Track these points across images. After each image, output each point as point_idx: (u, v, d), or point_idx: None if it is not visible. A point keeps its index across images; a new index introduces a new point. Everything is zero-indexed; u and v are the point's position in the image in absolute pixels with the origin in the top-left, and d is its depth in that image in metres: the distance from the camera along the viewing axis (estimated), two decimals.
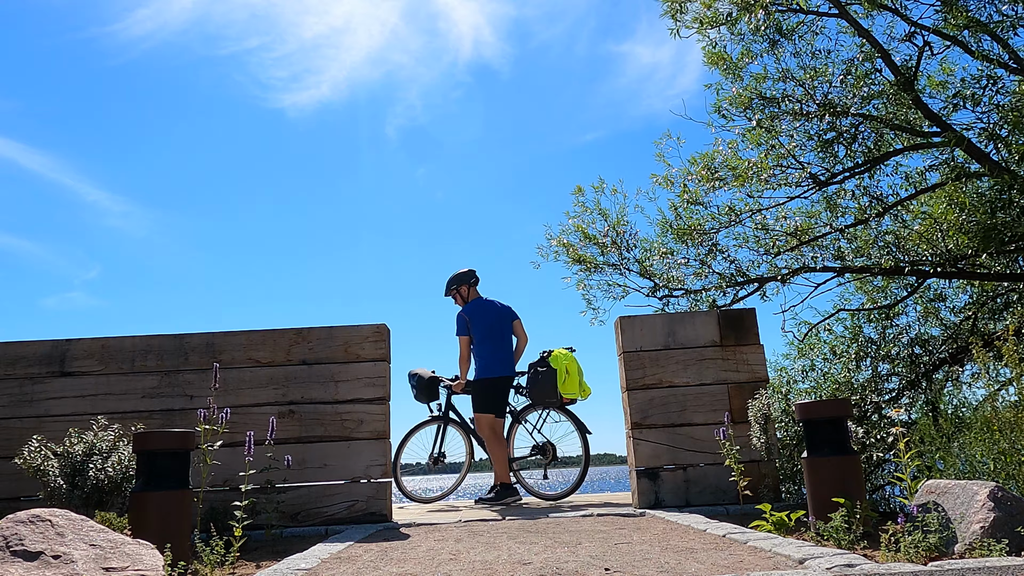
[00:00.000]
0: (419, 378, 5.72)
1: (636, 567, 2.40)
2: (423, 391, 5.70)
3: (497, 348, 5.48)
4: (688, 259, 8.14)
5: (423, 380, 5.69)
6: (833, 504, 2.89)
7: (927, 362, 7.32)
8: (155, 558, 2.38)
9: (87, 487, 3.64)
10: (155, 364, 4.58)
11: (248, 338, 4.64)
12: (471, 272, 5.78)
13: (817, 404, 3.20)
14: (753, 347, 4.78)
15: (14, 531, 2.25)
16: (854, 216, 7.77)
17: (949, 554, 2.45)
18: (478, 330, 5.47)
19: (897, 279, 8.07)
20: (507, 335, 5.61)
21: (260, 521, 3.99)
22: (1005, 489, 2.57)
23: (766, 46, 7.64)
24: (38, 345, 4.62)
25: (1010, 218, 6.53)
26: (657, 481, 4.58)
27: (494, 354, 5.45)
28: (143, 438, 3.01)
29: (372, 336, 4.64)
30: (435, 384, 5.73)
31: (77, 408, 4.49)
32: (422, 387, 5.69)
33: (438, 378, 5.74)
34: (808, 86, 7.42)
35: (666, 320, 4.89)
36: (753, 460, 4.46)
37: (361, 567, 2.63)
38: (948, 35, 6.84)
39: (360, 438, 4.47)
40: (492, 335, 5.50)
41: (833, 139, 7.39)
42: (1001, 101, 6.73)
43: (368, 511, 4.35)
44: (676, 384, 4.72)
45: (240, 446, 3.51)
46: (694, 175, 7.93)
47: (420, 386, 5.70)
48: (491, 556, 2.73)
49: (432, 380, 5.71)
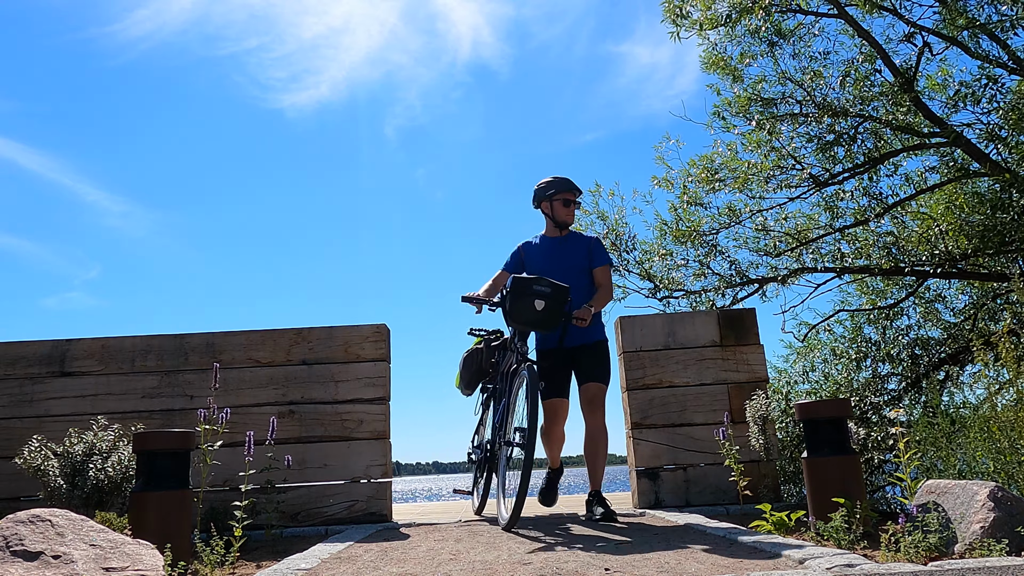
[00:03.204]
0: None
1: (636, 567, 2.40)
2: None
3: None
4: (688, 260, 8.15)
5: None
6: (833, 504, 2.89)
7: (927, 363, 7.32)
8: (155, 558, 2.38)
9: (87, 487, 3.64)
10: (155, 364, 4.58)
11: (248, 338, 4.64)
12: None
13: (817, 404, 3.20)
14: (753, 347, 4.78)
15: (14, 531, 2.25)
16: (854, 217, 7.78)
17: (949, 554, 2.46)
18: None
19: (897, 280, 8.07)
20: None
21: (260, 521, 3.99)
22: (1005, 489, 2.57)
23: (765, 48, 7.65)
24: (38, 345, 4.62)
25: (1010, 218, 6.54)
26: (657, 481, 4.58)
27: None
28: (143, 438, 3.01)
29: (372, 336, 4.64)
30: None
31: (77, 408, 4.49)
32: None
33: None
34: (808, 87, 7.43)
35: (666, 320, 4.89)
36: (753, 460, 4.46)
37: (361, 567, 2.63)
38: (947, 36, 6.84)
39: (360, 438, 4.47)
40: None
41: (833, 141, 7.40)
42: (1001, 101, 6.73)
43: (368, 511, 4.35)
44: (676, 384, 4.72)
45: (240, 446, 3.52)
46: (694, 176, 7.94)
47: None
48: (491, 556, 2.73)
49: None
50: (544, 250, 4.37)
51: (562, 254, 4.32)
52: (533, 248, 4.41)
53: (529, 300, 3.76)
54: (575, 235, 4.42)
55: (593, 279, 4.30)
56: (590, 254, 4.33)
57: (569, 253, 4.33)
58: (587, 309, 3.98)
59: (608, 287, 4.29)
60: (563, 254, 4.32)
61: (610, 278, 4.35)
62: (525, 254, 4.42)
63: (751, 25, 7.35)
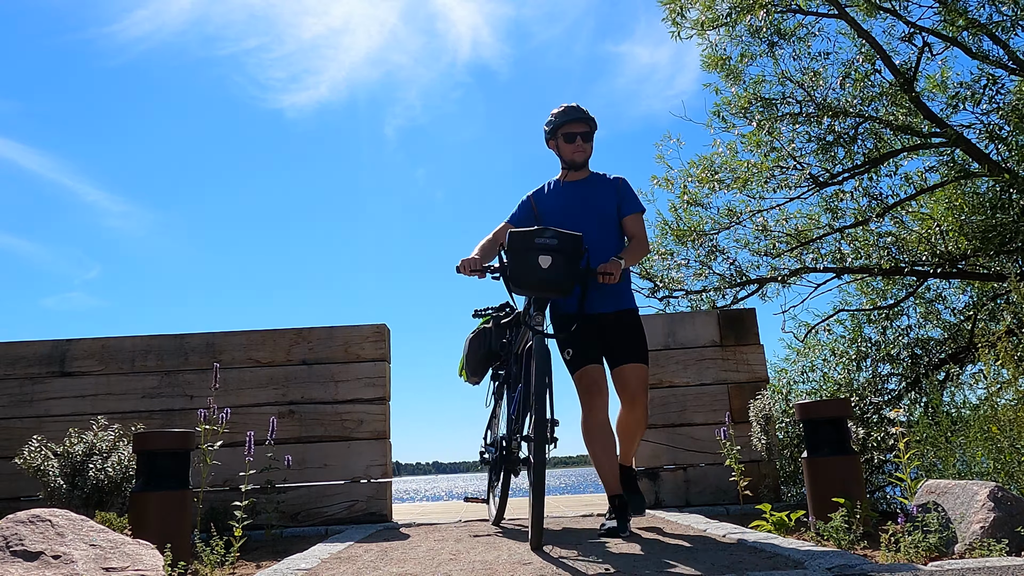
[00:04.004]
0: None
1: (636, 567, 2.39)
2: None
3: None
4: (688, 260, 8.15)
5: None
6: (833, 504, 2.89)
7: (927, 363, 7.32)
8: (155, 558, 2.38)
9: (87, 487, 3.64)
10: (155, 364, 4.58)
11: (248, 338, 4.64)
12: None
13: (817, 404, 3.20)
14: (753, 347, 4.78)
15: (14, 531, 2.25)
16: (854, 217, 7.78)
17: (949, 554, 2.46)
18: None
19: (897, 280, 8.07)
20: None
21: (260, 521, 3.99)
22: (1005, 489, 2.57)
23: (765, 48, 7.65)
24: (38, 345, 4.62)
25: (1010, 218, 6.54)
26: (657, 481, 4.58)
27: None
28: (143, 438, 3.01)
29: (372, 336, 4.64)
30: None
31: (77, 408, 4.50)
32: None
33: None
34: (808, 88, 7.43)
35: (666, 320, 4.89)
36: (753, 460, 4.46)
37: (361, 567, 2.63)
38: (947, 36, 6.85)
39: (360, 438, 4.47)
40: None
41: (833, 141, 7.40)
42: (1001, 101, 6.73)
43: (368, 511, 4.35)
44: (676, 384, 4.72)
45: (240, 446, 3.51)
46: (694, 176, 7.94)
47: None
48: (491, 556, 2.73)
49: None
50: (560, 197, 3.57)
51: (583, 200, 3.51)
52: (546, 196, 3.62)
53: (532, 257, 2.99)
54: (597, 176, 3.60)
55: (623, 230, 3.53)
56: (620, 198, 3.53)
57: (592, 198, 3.51)
58: (616, 262, 3.16)
59: (643, 238, 3.49)
60: (584, 200, 3.51)
61: (644, 228, 3.53)
62: (538, 204, 3.61)
63: (751, 25, 7.36)
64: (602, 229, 3.45)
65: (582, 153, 3.54)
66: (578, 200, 3.52)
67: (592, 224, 3.41)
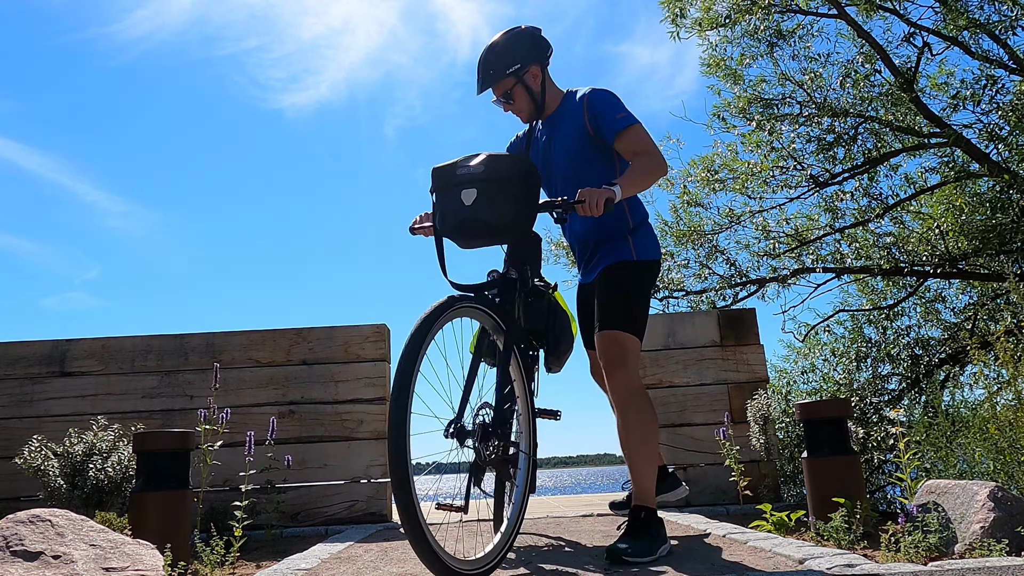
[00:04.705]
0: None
1: (636, 566, 2.39)
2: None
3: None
4: (688, 261, 8.16)
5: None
6: (833, 504, 2.89)
7: (927, 363, 7.32)
8: (155, 558, 2.38)
9: (87, 487, 3.64)
10: (155, 364, 4.58)
11: (248, 338, 4.64)
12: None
13: (817, 404, 3.21)
14: (753, 347, 4.78)
15: (14, 531, 2.25)
16: (854, 217, 7.79)
17: (949, 554, 2.46)
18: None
19: (897, 280, 8.08)
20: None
21: (260, 521, 3.99)
22: (1005, 489, 2.57)
23: (765, 49, 7.65)
24: (38, 345, 4.62)
25: (1009, 218, 6.54)
26: None
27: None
28: (143, 438, 3.01)
29: (372, 336, 4.64)
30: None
31: (77, 408, 4.49)
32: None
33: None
34: (808, 88, 7.43)
35: (666, 320, 4.89)
36: (753, 460, 4.46)
37: (361, 567, 2.63)
38: (947, 36, 6.85)
39: (360, 438, 4.47)
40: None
41: (833, 141, 7.40)
42: (1001, 101, 6.74)
43: (368, 511, 4.35)
44: (676, 384, 4.72)
45: (240, 446, 3.51)
46: (694, 177, 7.95)
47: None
48: None
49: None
50: (535, 146, 2.98)
51: (551, 134, 2.89)
52: (528, 140, 3.02)
53: (455, 194, 2.30)
54: (567, 99, 2.87)
55: (613, 156, 2.77)
56: (592, 116, 2.74)
57: (559, 126, 2.85)
58: (593, 191, 2.34)
59: (644, 153, 2.61)
60: (551, 134, 2.89)
61: (644, 140, 2.65)
62: (532, 147, 2.99)
63: (751, 26, 7.36)
64: (571, 158, 2.78)
65: (521, 113, 2.92)
66: (546, 138, 2.91)
67: (559, 156, 2.81)
